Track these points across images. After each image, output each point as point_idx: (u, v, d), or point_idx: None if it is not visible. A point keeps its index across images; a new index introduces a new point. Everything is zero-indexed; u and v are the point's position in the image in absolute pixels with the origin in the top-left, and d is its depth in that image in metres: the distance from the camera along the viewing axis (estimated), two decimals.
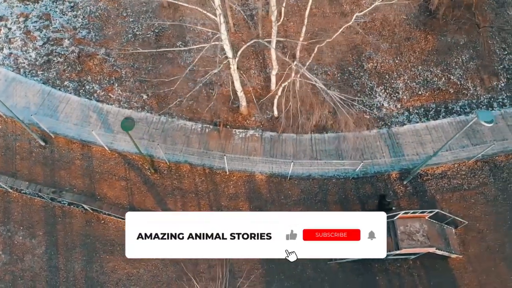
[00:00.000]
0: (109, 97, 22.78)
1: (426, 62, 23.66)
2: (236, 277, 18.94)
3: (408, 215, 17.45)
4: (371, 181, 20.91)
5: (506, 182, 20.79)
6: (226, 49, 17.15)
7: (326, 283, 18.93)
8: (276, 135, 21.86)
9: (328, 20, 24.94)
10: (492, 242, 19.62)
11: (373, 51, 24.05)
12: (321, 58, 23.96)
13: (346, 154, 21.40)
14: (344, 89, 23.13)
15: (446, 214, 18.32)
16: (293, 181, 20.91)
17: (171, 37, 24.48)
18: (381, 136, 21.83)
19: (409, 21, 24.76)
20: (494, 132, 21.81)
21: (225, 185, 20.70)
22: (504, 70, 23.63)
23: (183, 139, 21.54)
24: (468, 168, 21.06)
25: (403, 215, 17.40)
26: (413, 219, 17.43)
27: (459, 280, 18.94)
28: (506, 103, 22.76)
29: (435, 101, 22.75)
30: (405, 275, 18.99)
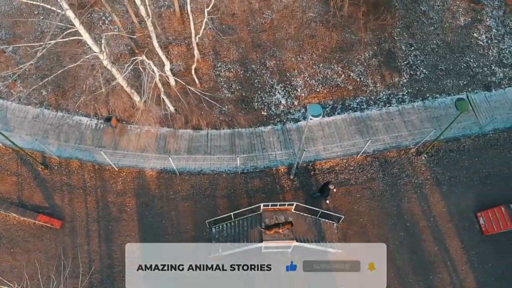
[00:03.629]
0: (11, 93, 22.96)
1: (328, 59, 23.80)
2: (115, 270, 19.03)
3: (276, 207, 17.54)
4: (260, 175, 21.04)
5: (396, 178, 20.89)
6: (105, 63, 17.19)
7: (204, 276, 18.96)
8: (172, 131, 22.01)
9: (235, 18, 25.10)
10: (375, 237, 19.71)
11: (277, 49, 24.20)
12: (226, 56, 24.14)
13: (239, 150, 21.53)
14: (246, 86, 23.37)
15: (306, 206, 18.40)
16: (184, 176, 21.04)
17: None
18: (275, 132, 21.96)
19: (315, 19, 24.91)
20: (388, 128, 21.95)
21: (113, 181, 20.85)
22: (407, 66, 23.77)
23: (76, 135, 21.70)
24: (357, 164, 21.17)
25: (270, 207, 17.49)
26: (279, 212, 17.51)
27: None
28: (406, 99, 22.89)
29: (333, 98, 22.88)
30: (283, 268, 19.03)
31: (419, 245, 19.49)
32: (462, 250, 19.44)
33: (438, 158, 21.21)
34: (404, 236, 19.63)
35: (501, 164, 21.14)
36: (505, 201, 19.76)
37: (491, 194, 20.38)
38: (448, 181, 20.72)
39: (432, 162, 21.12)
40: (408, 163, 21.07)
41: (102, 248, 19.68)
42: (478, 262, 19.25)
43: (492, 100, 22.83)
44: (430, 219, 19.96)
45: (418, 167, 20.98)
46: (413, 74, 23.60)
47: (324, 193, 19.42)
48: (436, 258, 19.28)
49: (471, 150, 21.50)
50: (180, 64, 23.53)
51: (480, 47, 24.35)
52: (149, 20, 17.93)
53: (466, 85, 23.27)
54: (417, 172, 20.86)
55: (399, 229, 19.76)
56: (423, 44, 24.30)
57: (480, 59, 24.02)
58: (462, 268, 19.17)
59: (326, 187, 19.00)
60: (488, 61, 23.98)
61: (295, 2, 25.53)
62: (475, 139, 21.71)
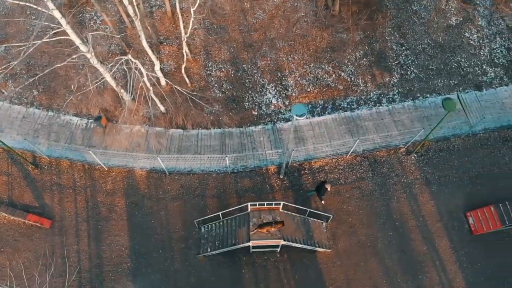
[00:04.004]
0: (2, 93, 23.01)
1: (319, 59, 23.81)
2: (104, 270, 19.08)
3: (263, 207, 17.55)
4: (250, 175, 21.05)
5: (385, 177, 20.88)
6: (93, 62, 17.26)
7: (193, 276, 19.03)
8: (163, 130, 22.04)
9: (226, 17, 25.13)
10: (364, 237, 19.71)
11: (268, 49, 24.22)
12: (217, 55, 24.17)
13: (229, 149, 21.55)
14: (236, 86, 23.40)
15: (294, 206, 18.42)
16: (174, 176, 21.07)
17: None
18: (265, 132, 21.97)
19: (306, 18, 24.92)
20: (378, 128, 21.95)
21: (103, 180, 20.87)
22: (398, 66, 23.76)
23: (67, 134, 21.73)
24: (347, 163, 21.17)
25: (257, 207, 17.50)
26: (267, 211, 17.52)
27: (326, 275, 19.03)
28: (396, 99, 22.89)
29: (323, 97, 22.89)
30: (271, 268, 19.09)
31: (408, 244, 19.48)
32: (451, 250, 19.42)
33: (428, 158, 21.20)
34: (393, 235, 19.63)
35: (491, 164, 21.13)
36: (494, 200, 19.77)
37: (480, 193, 20.37)
38: (437, 180, 20.72)
39: (422, 162, 21.12)
40: (397, 163, 21.08)
41: (92, 247, 19.69)
42: (467, 262, 19.22)
43: (483, 99, 22.82)
44: (419, 219, 19.95)
45: (407, 167, 20.98)
46: (403, 74, 23.60)
47: (320, 192, 19.34)
48: (425, 258, 19.26)
49: (461, 149, 21.49)
50: (171, 63, 23.57)
51: (471, 46, 24.36)
52: (137, 19, 17.93)
53: (457, 85, 23.27)
54: (407, 171, 20.86)
55: (388, 228, 19.76)
56: (414, 44, 24.31)
57: (471, 58, 24.02)
58: (451, 268, 19.16)
59: (323, 186, 18.92)
60: (480, 60, 23.98)
61: (286, 2, 25.56)
62: (465, 138, 21.71)
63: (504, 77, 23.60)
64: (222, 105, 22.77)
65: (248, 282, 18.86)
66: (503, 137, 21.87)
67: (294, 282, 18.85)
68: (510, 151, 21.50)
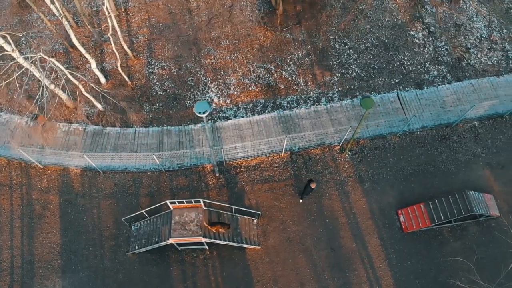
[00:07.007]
0: None
1: (261, 58, 23.93)
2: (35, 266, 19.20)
3: (184, 205, 17.66)
4: (186, 173, 21.16)
5: (319, 175, 20.99)
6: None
7: (121, 273, 19.15)
8: (100, 128, 22.15)
9: (173, 16, 25.26)
10: (293, 233, 19.81)
11: (212, 47, 24.33)
12: (161, 54, 24.29)
13: (166, 148, 21.66)
14: (178, 84, 23.51)
15: (212, 202, 18.55)
16: (108, 174, 21.18)
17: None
18: (204, 130, 22.06)
19: (252, 17, 25.03)
20: (315, 126, 22.07)
21: (38, 178, 20.99)
22: (340, 65, 23.87)
23: (7, 133, 21.84)
24: (282, 161, 21.29)
25: (179, 205, 17.62)
26: (190, 208, 17.63)
27: (254, 271, 19.13)
28: (335, 98, 22.98)
29: (265, 96, 23.00)
30: (200, 265, 19.20)
31: (337, 241, 19.59)
32: (381, 247, 19.52)
33: (362, 156, 21.32)
34: (322, 232, 19.74)
35: (426, 162, 21.24)
36: (427, 198, 19.91)
37: (413, 191, 20.50)
38: (371, 178, 20.82)
39: (356, 160, 21.23)
40: (331, 160, 21.19)
41: (24, 244, 19.82)
42: (397, 259, 19.32)
43: (423, 98, 22.93)
44: (350, 216, 20.06)
45: (341, 164, 21.09)
46: (344, 73, 23.70)
47: (305, 191, 19.33)
48: (354, 255, 19.36)
49: (397, 147, 21.60)
50: (113, 62, 23.66)
51: (415, 45, 24.47)
52: (63, 18, 18.07)
53: (398, 83, 23.37)
54: (340, 169, 20.97)
55: (318, 225, 19.87)
56: (357, 43, 24.42)
57: (414, 57, 24.13)
58: (380, 265, 19.25)
59: (308, 185, 18.91)
60: (423, 59, 24.08)
61: (232, 1, 25.66)
62: (402, 136, 21.82)
63: (448, 75, 23.69)
64: (163, 103, 22.87)
65: (176, 280, 18.97)
66: (441, 135, 21.97)
67: (222, 280, 18.95)
68: (448, 149, 21.58)
